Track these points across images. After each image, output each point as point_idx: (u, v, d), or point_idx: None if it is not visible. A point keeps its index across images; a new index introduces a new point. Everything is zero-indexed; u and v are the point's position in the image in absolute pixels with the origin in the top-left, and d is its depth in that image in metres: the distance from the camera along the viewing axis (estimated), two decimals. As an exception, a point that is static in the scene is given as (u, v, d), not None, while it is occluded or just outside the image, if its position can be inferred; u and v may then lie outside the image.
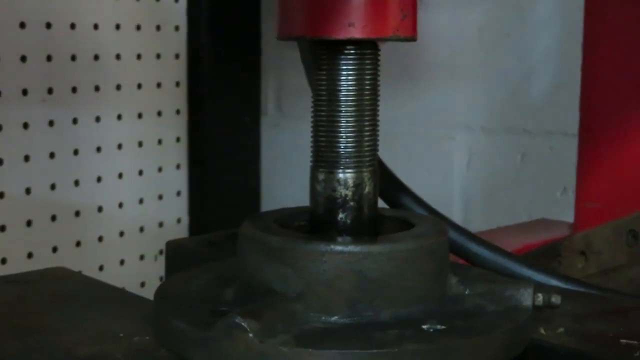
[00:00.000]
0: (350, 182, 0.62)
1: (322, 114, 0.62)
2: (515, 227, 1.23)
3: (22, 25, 1.30)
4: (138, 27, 1.47)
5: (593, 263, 1.02)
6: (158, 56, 1.51)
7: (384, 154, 0.81)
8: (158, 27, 1.51)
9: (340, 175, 0.62)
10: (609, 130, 1.13)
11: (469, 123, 1.41)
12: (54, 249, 1.38)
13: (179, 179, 1.57)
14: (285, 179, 1.65)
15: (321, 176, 0.63)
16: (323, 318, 0.57)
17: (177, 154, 1.56)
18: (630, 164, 1.12)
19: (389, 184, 0.81)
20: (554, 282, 0.74)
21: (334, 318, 0.57)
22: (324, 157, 0.63)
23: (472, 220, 1.40)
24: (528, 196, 1.36)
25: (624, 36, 1.10)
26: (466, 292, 0.62)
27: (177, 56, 1.54)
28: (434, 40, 1.42)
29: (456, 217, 1.41)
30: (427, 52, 1.43)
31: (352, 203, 0.62)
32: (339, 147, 0.62)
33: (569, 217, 1.19)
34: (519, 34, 1.34)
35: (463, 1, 1.39)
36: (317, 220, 0.64)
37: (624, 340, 0.60)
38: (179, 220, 1.58)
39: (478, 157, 1.41)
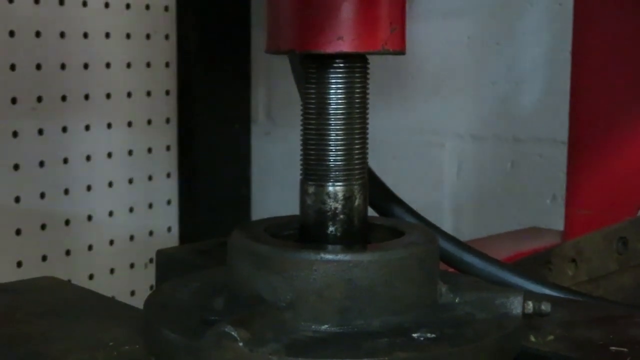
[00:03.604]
0: (340, 195, 0.62)
1: (312, 127, 0.62)
2: (506, 235, 1.23)
3: (12, 33, 1.30)
4: (128, 36, 1.47)
5: (583, 270, 1.03)
6: (148, 64, 1.51)
7: (374, 162, 0.81)
8: (148, 36, 1.50)
9: (330, 189, 0.62)
10: (599, 137, 1.13)
11: (459, 131, 1.41)
12: (44, 258, 1.37)
13: (169, 188, 1.57)
14: (275, 187, 1.65)
15: (311, 189, 0.63)
16: (313, 327, 0.57)
17: (167, 162, 1.56)
18: (620, 171, 1.12)
19: (379, 194, 0.81)
20: (544, 290, 0.74)
21: (324, 327, 0.57)
22: (314, 170, 0.62)
23: (462, 228, 1.40)
24: (518, 204, 1.36)
25: (612, 45, 1.10)
26: (456, 300, 0.62)
27: (167, 65, 1.54)
28: (424, 49, 1.42)
29: (446, 225, 1.41)
30: (418, 61, 1.43)
31: (342, 216, 0.62)
32: (329, 161, 0.62)
33: (559, 224, 1.19)
34: (508, 43, 1.35)
35: (453, 10, 1.39)
36: (307, 233, 0.63)
37: (614, 348, 0.60)
38: (169, 229, 1.58)
39: (468, 165, 1.41)
